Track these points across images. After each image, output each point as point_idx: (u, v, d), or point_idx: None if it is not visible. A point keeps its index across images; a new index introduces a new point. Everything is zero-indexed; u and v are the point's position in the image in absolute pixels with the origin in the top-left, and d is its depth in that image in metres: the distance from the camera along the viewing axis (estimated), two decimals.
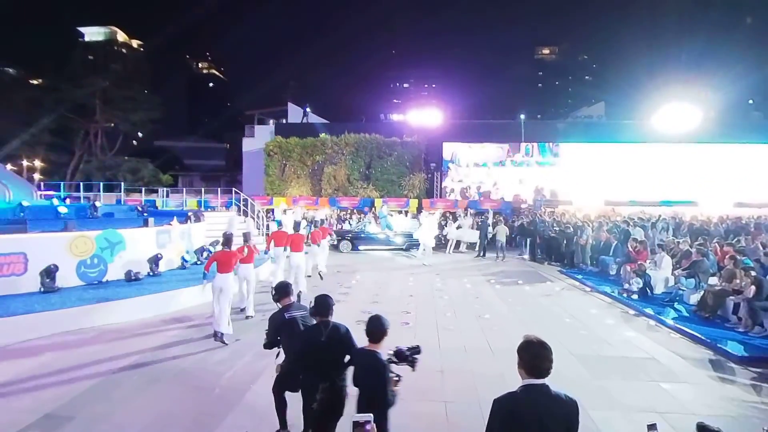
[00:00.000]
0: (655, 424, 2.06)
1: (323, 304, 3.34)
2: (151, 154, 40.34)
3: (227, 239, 7.19)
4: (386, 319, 3.05)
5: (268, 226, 17.22)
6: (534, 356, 2.07)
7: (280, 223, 11.45)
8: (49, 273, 8.16)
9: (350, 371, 3.14)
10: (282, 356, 3.82)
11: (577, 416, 2.07)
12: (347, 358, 3.22)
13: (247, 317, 7.88)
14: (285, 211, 18.76)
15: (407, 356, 3.02)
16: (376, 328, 2.98)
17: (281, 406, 3.91)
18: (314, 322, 3.46)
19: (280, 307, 3.96)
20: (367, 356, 2.95)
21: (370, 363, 2.92)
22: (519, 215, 21.14)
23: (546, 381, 2.08)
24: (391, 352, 3.00)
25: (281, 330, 3.79)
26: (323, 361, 3.19)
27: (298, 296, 8.06)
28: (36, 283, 8.09)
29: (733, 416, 4.52)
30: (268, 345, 3.85)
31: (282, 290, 4.02)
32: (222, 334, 6.58)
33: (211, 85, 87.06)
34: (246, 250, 7.90)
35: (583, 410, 4.34)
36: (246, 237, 8.29)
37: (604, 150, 25.03)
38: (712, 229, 14.39)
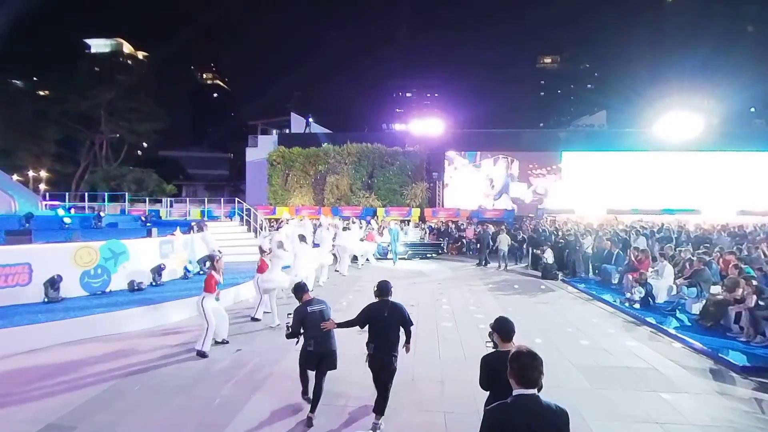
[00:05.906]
0: None
1: (384, 288, 4.48)
2: (156, 164, 40.67)
3: (209, 259, 7.32)
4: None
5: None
6: (523, 366, 2.10)
7: None
8: (53, 283, 8.24)
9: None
10: (302, 341, 4.59)
11: (568, 426, 2.09)
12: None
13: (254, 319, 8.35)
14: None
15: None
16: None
17: (304, 379, 4.80)
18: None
19: (302, 302, 4.69)
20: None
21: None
22: (521, 225, 21.12)
23: (543, 390, 2.11)
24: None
25: (305, 320, 4.52)
26: (385, 329, 4.29)
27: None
28: (40, 293, 8.17)
29: (734, 427, 4.50)
30: (291, 335, 4.57)
31: (300, 289, 4.81)
32: (202, 351, 6.35)
33: (215, 95, 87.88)
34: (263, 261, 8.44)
35: (583, 420, 4.40)
36: (262, 249, 8.83)
37: (606, 158, 25.08)
38: (715, 237, 14.34)
